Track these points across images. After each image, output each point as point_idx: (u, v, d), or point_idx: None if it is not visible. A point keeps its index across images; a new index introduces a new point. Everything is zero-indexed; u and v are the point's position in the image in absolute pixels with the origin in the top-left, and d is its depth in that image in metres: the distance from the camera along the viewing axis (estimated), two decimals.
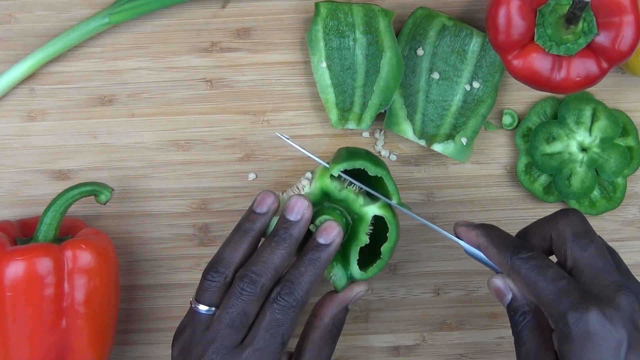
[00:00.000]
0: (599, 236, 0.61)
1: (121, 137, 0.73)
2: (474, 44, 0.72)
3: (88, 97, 0.73)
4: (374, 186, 0.65)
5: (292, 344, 0.68)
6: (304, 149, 0.66)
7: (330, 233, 0.62)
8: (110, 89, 0.73)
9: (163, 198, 0.74)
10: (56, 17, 0.73)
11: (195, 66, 0.73)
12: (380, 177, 0.64)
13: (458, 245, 0.73)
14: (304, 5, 0.73)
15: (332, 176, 0.64)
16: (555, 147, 0.72)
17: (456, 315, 0.74)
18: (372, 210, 0.64)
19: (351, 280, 0.65)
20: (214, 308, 0.61)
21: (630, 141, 0.73)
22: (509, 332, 0.74)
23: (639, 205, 0.74)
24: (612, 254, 0.62)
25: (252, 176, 0.73)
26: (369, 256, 0.65)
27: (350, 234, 0.65)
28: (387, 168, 0.65)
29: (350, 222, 0.65)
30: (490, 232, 0.62)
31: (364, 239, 0.64)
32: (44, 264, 0.64)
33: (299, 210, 0.62)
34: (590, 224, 0.74)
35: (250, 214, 0.63)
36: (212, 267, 0.61)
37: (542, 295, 0.57)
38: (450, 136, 0.72)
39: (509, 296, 0.60)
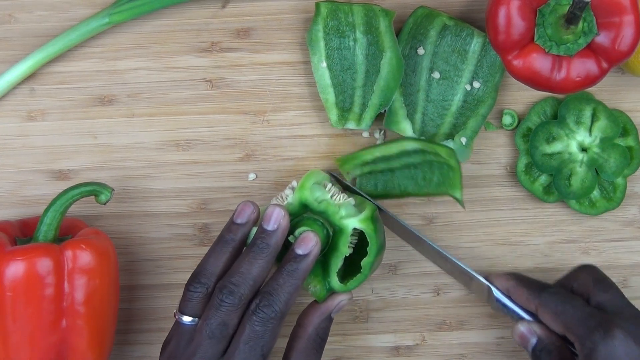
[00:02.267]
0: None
1: (121, 137, 0.73)
2: (475, 43, 0.72)
3: (88, 97, 0.73)
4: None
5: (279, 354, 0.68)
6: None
7: (308, 244, 0.63)
8: (110, 89, 0.73)
9: (163, 198, 0.74)
10: (56, 17, 0.73)
11: (195, 66, 0.73)
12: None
13: (457, 246, 0.73)
14: (304, 5, 0.73)
15: (314, 185, 0.65)
16: (555, 147, 0.72)
17: (456, 315, 0.74)
18: (352, 222, 0.64)
19: (331, 292, 0.65)
20: (197, 319, 0.62)
21: (630, 141, 0.73)
22: (509, 332, 0.74)
23: (639, 205, 0.74)
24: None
25: (252, 176, 0.73)
26: (353, 267, 0.66)
27: (330, 245, 0.65)
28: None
29: (331, 233, 0.65)
30: (519, 276, 0.68)
31: (344, 251, 0.64)
32: (44, 264, 0.64)
33: (276, 220, 0.63)
34: (590, 224, 0.74)
35: (231, 225, 0.64)
36: (195, 278, 0.62)
37: (569, 320, 0.62)
38: (450, 136, 0.72)
39: (534, 340, 0.65)
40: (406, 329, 0.74)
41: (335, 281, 0.65)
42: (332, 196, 0.65)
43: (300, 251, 0.62)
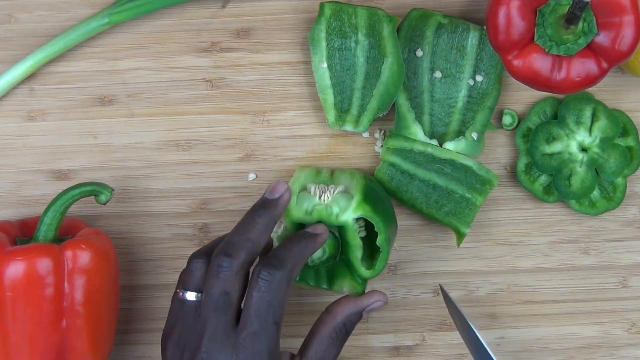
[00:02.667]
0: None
1: (121, 137, 0.73)
2: (472, 38, 0.72)
3: (88, 97, 0.73)
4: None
5: (296, 344, 0.68)
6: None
7: (319, 228, 0.63)
8: (110, 89, 0.73)
9: (163, 198, 0.74)
10: (56, 17, 0.73)
11: (195, 66, 0.73)
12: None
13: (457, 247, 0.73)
14: (304, 5, 0.73)
15: (299, 197, 0.65)
16: (555, 147, 0.72)
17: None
18: (349, 216, 0.64)
19: (366, 291, 0.66)
20: (200, 294, 0.60)
21: (630, 141, 0.73)
22: (509, 332, 0.74)
23: (639, 205, 0.74)
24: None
25: (252, 176, 0.73)
26: (374, 248, 0.66)
27: (343, 246, 0.65)
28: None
29: (337, 235, 0.66)
30: None
31: (356, 243, 0.64)
32: (44, 264, 0.64)
33: (278, 190, 0.63)
34: (590, 224, 0.74)
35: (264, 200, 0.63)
36: (197, 253, 0.61)
37: None
38: (460, 133, 0.72)
39: None
40: (406, 329, 0.74)
41: (363, 271, 0.65)
42: (319, 197, 0.65)
43: (310, 230, 0.63)
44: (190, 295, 0.60)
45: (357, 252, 0.65)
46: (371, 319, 0.74)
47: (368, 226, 0.66)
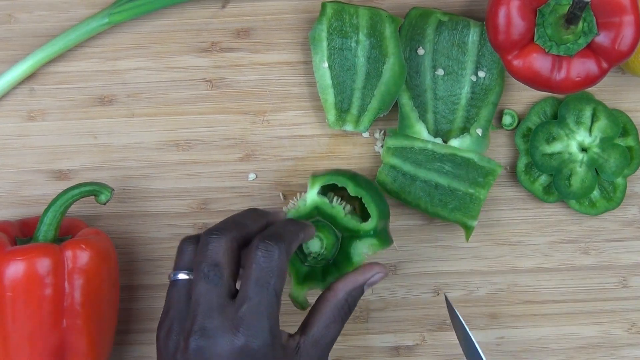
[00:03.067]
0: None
1: (121, 137, 0.73)
2: (473, 34, 0.72)
3: (88, 97, 0.73)
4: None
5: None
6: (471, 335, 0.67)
7: (311, 227, 0.64)
8: (110, 89, 0.73)
9: (163, 198, 0.74)
10: (56, 17, 0.73)
11: (195, 66, 0.73)
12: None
13: (457, 246, 0.73)
14: (304, 5, 0.73)
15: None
16: (555, 147, 0.72)
17: None
18: (312, 193, 0.65)
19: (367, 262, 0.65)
20: (191, 273, 0.59)
21: (630, 141, 0.73)
22: (509, 332, 0.74)
23: (639, 205, 0.74)
24: None
25: (252, 176, 0.73)
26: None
27: (343, 243, 0.66)
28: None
29: (339, 235, 0.66)
30: None
31: (337, 209, 0.65)
32: (44, 264, 0.64)
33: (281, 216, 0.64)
34: (590, 224, 0.74)
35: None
36: (190, 235, 0.61)
37: None
38: (464, 129, 0.72)
39: None
40: (406, 329, 0.74)
41: (361, 225, 0.65)
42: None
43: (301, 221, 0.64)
44: (182, 275, 0.59)
45: (342, 215, 0.65)
46: (371, 319, 0.74)
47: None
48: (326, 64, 0.72)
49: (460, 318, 0.68)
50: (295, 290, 0.65)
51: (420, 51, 0.72)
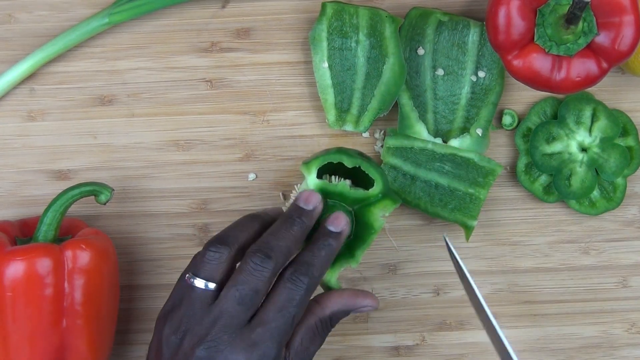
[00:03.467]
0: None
1: (121, 137, 0.73)
2: (473, 34, 0.72)
3: (88, 97, 0.73)
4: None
5: None
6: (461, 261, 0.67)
7: (341, 222, 0.62)
8: (110, 89, 0.73)
9: (163, 198, 0.74)
10: (56, 17, 0.73)
11: (195, 66, 0.73)
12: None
13: (457, 246, 0.73)
14: (304, 5, 0.73)
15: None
16: (555, 147, 0.72)
17: (456, 315, 0.74)
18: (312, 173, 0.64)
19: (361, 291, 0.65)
20: (210, 284, 0.58)
21: (630, 141, 0.73)
22: (509, 332, 0.74)
23: (639, 205, 0.74)
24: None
25: (252, 176, 0.73)
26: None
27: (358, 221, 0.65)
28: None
29: (351, 209, 0.65)
30: None
31: (342, 185, 0.64)
32: (44, 264, 0.64)
33: (314, 202, 0.62)
34: (590, 224, 0.74)
35: (296, 208, 0.62)
36: (218, 240, 0.59)
37: None
38: (464, 129, 0.72)
39: None
40: (406, 329, 0.74)
41: (363, 193, 0.64)
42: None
43: (332, 228, 0.62)
44: (200, 283, 0.58)
45: (348, 189, 0.64)
46: (371, 319, 0.74)
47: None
48: (326, 64, 0.72)
49: (460, 261, 0.68)
50: (328, 275, 0.64)
51: (420, 51, 0.72)
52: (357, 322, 0.74)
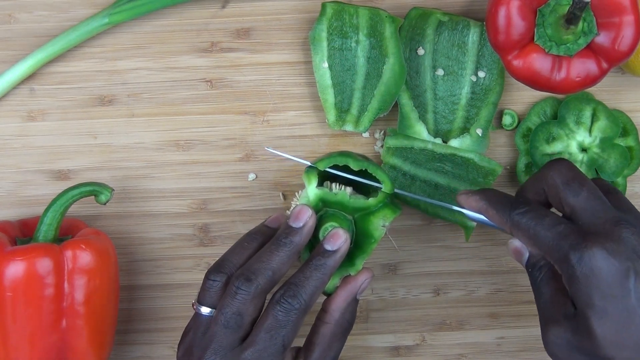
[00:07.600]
0: (592, 178, 0.62)
1: (121, 137, 0.73)
2: (473, 34, 0.72)
3: (88, 97, 0.73)
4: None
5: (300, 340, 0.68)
6: (293, 156, 0.66)
7: (337, 240, 0.62)
8: (110, 89, 0.73)
9: (163, 198, 0.74)
10: (56, 17, 0.73)
11: (195, 66, 0.73)
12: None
13: (457, 246, 0.73)
14: (304, 5, 0.73)
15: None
16: (555, 147, 0.72)
17: (456, 315, 0.74)
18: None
19: (349, 275, 0.64)
20: (215, 310, 0.61)
21: (630, 141, 0.73)
22: (509, 332, 0.74)
23: (639, 205, 0.74)
24: (612, 193, 0.62)
25: (252, 176, 0.73)
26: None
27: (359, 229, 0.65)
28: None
29: (351, 218, 0.64)
30: (489, 195, 0.62)
31: (342, 194, 0.64)
32: (44, 264, 0.64)
33: (302, 218, 0.62)
34: None
35: (286, 227, 0.63)
36: (216, 268, 0.62)
37: (543, 243, 0.58)
38: (464, 130, 0.72)
39: (526, 254, 0.61)
40: (406, 329, 0.74)
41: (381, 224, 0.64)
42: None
43: (328, 247, 0.62)
44: (205, 310, 0.61)
45: (347, 199, 0.63)
46: (371, 319, 0.74)
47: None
48: (326, 64, 0.72)
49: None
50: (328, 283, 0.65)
51: (420, 51, 0.72)
52: (357, 322, 0.74)
